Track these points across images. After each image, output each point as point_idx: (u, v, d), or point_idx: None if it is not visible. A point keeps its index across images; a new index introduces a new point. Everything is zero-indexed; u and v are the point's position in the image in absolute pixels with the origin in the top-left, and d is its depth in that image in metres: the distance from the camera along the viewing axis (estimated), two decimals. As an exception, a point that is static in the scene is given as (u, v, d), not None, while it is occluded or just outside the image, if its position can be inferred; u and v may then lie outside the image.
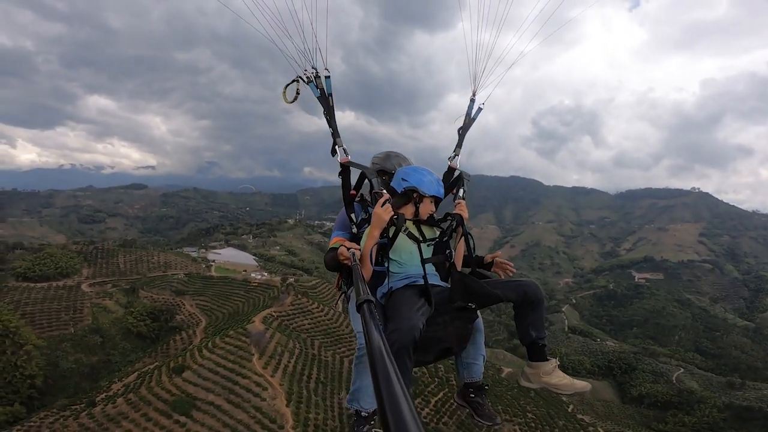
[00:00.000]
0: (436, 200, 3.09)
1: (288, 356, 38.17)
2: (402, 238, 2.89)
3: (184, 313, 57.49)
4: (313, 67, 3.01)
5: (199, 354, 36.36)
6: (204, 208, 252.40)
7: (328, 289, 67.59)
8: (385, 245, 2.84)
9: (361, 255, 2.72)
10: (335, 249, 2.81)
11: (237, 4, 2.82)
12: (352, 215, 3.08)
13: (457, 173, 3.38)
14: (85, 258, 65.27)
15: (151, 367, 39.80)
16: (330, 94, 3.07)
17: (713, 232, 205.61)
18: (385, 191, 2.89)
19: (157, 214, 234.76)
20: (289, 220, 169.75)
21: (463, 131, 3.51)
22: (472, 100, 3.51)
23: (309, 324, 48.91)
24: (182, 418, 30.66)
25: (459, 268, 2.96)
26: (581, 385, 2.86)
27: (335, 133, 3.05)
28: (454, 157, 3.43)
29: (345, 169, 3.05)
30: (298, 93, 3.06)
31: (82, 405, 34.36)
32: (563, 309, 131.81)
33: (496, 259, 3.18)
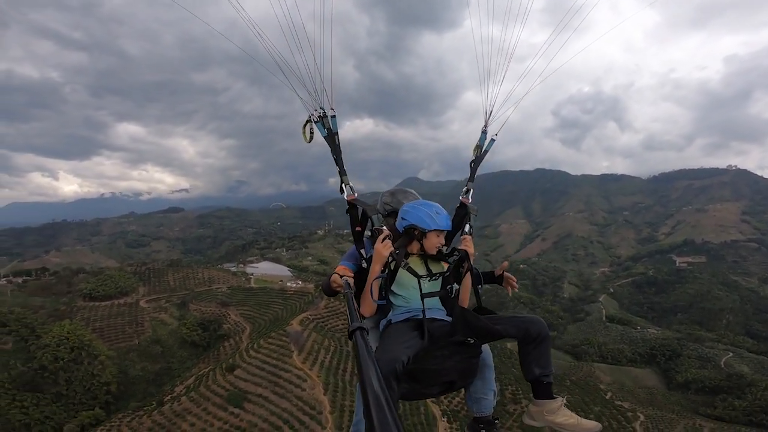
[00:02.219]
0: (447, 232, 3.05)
1: (324, 353, 41.76)
2: (404, 272, 2.91)
3: (230, 322, 62.43)
4: (320, 107, 3.13)
5: (247, 354, 40.54)
6: (238, 226, 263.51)
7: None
8: (387, 280, 2.89)
9: (363, 289, 2.87)
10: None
11: (261, 52, 3.00)
12: (362, 250, 3.09)
13: (466, 209, 3.36)
14: (140, 278, 72.13)
15: (206, 369, 44.34)
16: (336, 133, 3.14)
17: (756, 210, 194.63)
18: (385, 228, 3.04)
19: (195, 235, 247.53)
20: (319, 231, 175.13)
21: (474, 164, 3.48)
22: (484, 132, 3.50)
23: (343, 324, 52.30)
24: (236, 410, 34.81)
25: (466, 303, 3.01)
26: (590, 425, 2.71)
27: (342, 171, 3.13)
28: (466, 192, 3.41)
29: (352, 206, 3.13)
30: (312, 132, 3.18)
31: (152, 405, 39.11)
32: (600, 299, 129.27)
33: (505, 273, 3.19)
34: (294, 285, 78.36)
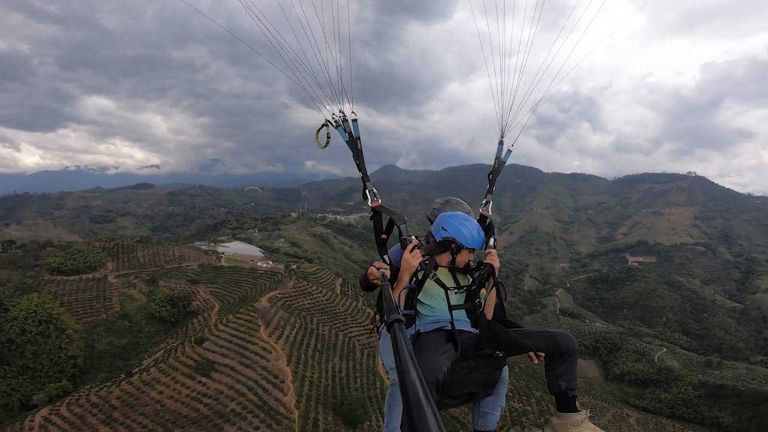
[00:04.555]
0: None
1: (290, 329, 44.83)
2: (431, 283, 2.93)
3: (200, 299, 63.87)
4: (340, 111, 3.09)
5: (216, 328, 43.01)
6: (210, 204, 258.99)
7: (327, 274, 74.04)
8: (414, 290, 2.89)
9: (392, 288, 2.77)
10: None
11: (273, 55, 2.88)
12: (385, 257, 3.04)
13: (488, 221, 3.40)
14: (109, 253, 72.07)
15: (175, 343, 46.37)
16: (358, 137, 3.12)
17: (707, 215, 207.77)
18: (413, 237, 3.02)
19: (165, 212, 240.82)
20: (293, 214, 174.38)
21: (493, 176, 3.52)
22: (501, 143, 3.49)
23: (309, 304, 55.49)
24: (204, 379, 37.34)
25: (490, 316, 2.97)
26: None
27: (365, 177, 3.10)
28: (486, 204, 3.41)
29: (376, 213, 3.08)
30: (329, 137, 3.12)
31: (121, 376, 40.58)
32: (557, 293, 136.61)
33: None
34: (265, 265, 80.00)
